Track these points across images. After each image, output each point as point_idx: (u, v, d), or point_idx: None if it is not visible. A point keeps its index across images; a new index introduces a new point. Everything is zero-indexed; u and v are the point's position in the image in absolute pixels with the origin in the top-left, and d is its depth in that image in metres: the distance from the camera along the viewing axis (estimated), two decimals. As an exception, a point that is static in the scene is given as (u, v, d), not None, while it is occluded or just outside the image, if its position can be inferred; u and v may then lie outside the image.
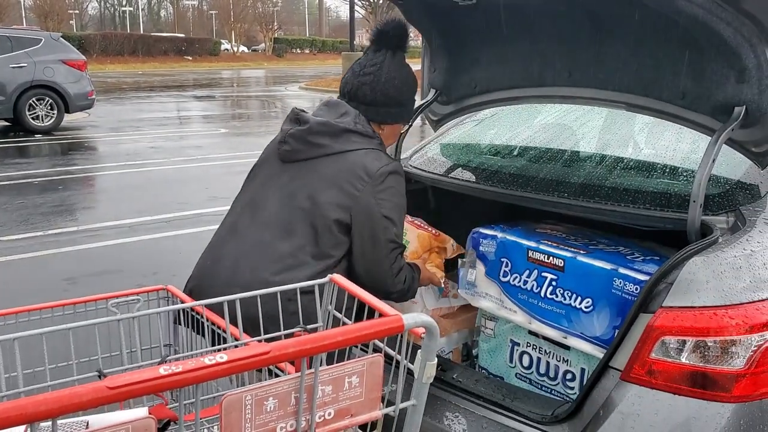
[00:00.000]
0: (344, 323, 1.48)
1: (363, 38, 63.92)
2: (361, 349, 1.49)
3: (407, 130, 2.90)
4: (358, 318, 1.30)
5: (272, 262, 2.07)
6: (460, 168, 2.90)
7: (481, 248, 2.45)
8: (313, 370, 1.09)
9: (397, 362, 1.25)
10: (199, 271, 2.23)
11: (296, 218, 2.12)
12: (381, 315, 1.26)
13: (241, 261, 2.11)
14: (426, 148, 3.16)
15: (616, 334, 1.93)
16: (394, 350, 1.30)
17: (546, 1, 2.25)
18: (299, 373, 1.08)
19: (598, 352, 2.06)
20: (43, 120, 13.59)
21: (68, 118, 14.55)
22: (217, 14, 76.71)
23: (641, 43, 2.19)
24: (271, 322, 1.67)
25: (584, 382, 2.14)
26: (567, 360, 2.28)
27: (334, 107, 2.29)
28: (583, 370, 2.24)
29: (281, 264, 2.06)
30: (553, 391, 2.32)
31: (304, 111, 2.27)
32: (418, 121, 3.10)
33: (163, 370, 0.94)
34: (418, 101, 2.98)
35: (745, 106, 2.00)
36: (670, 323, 1.74)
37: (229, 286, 2.00)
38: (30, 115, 13.43)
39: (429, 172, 2.89)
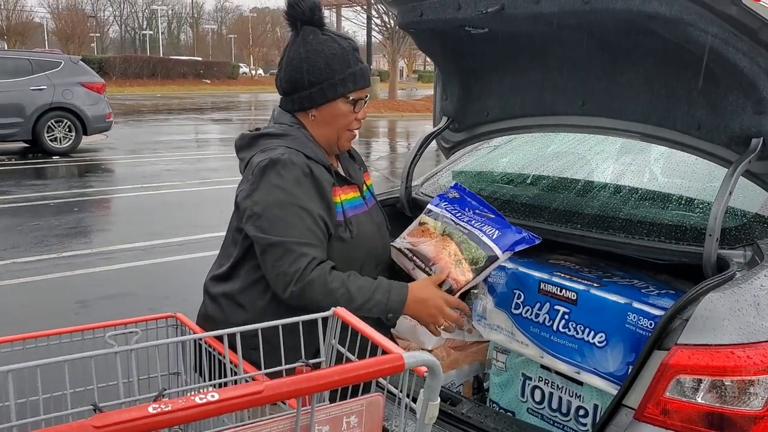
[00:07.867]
0: (347, 359, 1.44)
1: (380, 63, 64.33)
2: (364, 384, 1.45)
3: (420, 152, 2.86)
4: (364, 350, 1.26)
5: (212, 277, 2.13)
6: (471, 196, 2.86)
7: (490, 279, 2.40)
8: (310, 408, 1.06)
9: (400, 399, 1.21)
10: None
11: (228, 234, 2.14)
12: (384, 352, 1.22)
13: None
14: (438, 176, 3.13)
15: (629, 370, 1.87)
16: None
17: (558, 30, 2.22)
18: (295, 411, 1.05)
19: (612, 389, 2.00)
20: (61, 142, 13.70)
21: (86, 140, 14.67)
22: (236, 38, 77.72)
23: (655, 72, 2.16)
24: (272, 353, 1.63)
25: (597, 419, 2.09)
26: (580, 395, 2.22)
27: (273, 110, 2.21)
28: (596, 406, 2.18)
29: (215, 275, 2.12)
30: (565, 427, 2.26)
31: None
32: (432, 145, 3.07)
33: (152, 408, 0.93)
34: (431, 128, 2.97)
35: (762, 138, 1.96)
36: (685, 361, 1.68)
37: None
38: (48, 137, 13.53)
39: (440, 200, 2.85)
